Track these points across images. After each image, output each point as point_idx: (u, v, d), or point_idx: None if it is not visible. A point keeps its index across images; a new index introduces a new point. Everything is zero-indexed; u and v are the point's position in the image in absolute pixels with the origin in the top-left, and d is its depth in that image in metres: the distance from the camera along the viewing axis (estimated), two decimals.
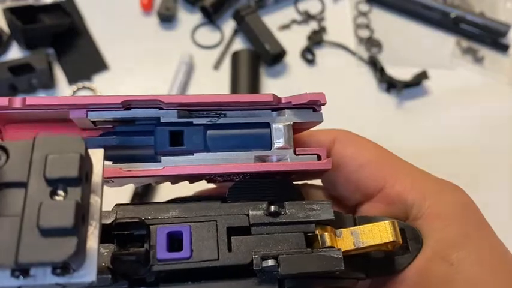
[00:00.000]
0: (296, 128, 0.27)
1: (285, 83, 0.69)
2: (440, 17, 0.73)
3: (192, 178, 0.29)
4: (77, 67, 0.67)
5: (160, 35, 0.72)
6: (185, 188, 0.32)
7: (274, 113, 0.27)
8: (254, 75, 0.67)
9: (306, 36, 0.72)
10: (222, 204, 0.26)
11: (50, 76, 0.64)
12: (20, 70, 0.62)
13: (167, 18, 0.72)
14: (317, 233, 0.25)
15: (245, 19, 0.69)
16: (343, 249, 0.25)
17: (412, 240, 0.27)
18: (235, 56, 0.68)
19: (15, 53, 0.67)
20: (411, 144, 0.63)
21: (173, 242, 0.24)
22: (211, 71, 0.69)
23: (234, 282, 0.24)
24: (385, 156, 0.30)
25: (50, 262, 0.17)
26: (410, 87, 0.68)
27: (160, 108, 0.26)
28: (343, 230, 0.26)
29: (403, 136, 0.64)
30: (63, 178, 0.18)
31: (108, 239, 0.24)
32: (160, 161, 0.26)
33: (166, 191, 0.59)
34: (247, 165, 0.26)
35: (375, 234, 0.26)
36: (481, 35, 0.72)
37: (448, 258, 0.26)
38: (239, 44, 0.72)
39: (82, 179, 0.19)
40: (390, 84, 0.68)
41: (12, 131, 0.26)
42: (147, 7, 0.72)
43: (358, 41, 0.73)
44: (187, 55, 0.69)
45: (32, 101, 0.24)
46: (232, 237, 0.25)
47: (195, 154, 0.26)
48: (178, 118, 0.26)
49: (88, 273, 0.19)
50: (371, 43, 0.72)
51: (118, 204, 0.25)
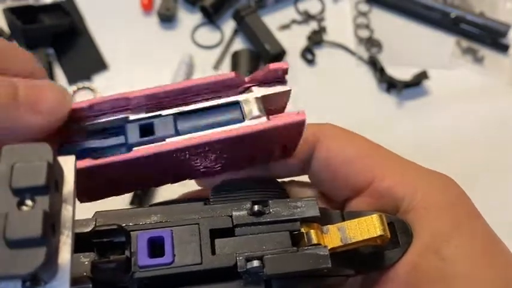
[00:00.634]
0: (271, 108, 0.26)
1: None
2: (440, 17, 0.73)
3: (169, 168, 0.28)
4: (77, 67, 0.67)
5: (160, 35, 0.72)
6: (183, 189, 0.32)
7: (243, 94, 0.26)
8: None
9: (306, 36, 0.72)
10: (205, 206, 0.26)
11: (50, 76, 0.64)
12: None
13: (167, 18, 0.72)
14: (303, 230, 0.25)
15: (245, 19, 0.69)
16: (331, 246, 0.25)
17: (401, 234, 0.27)
18: (235, 56, 0.68)
19: None
20: (411, 144, 0.63)
21: (155, 247, 0.24)
22: (211, 71, 0.69)
23: (220, 286, 0.24)
24: (374, 150, 0.30)
25: (17, 275, 0.17)
26: (410, 87, 0.68)
27: (127, 109, 0.25)
28: (330, 226, 0.26)
29: (403, 136, 0.64)
30: (30, 187, 0.18)
31: (88, 248, 0.23)
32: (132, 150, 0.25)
33: (165, 192, 0.59)
34: (218, 133, 0.24)
35: (363, 229, 0.25)
36: (481, 35, 0.72)
37: (440, 252, 0.25)
38: (239, 44, 0.72)
39: (50, 187, 0.18)
40: (390, 84, 0.68)
41: None
42: (147, 7, 0.72)
43: (358, 41, 0.73)
44: (187, 55, 0.69)
45: None
46: (215, 240, 0.24)
47: (166, 140, 0.25)
48: (146, 113, 0.25)
49: (60, 284, 0.18)
50: (371, 43, 0.72)
51: (98, 211, 0.25)
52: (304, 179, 0.33)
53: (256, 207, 0.25)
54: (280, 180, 0.30)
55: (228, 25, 0.73)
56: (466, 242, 0.26)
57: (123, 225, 0.24)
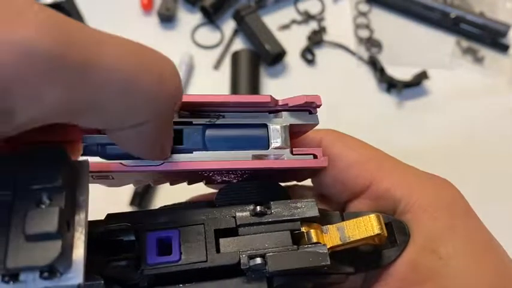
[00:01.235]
0: (294, 131, 0.28)
1: (285, 83, 0.69)
2: (440, 17, 0.73)
3: (190, 176, 0.29)
4: None
5: (160, 35, 0.72)
6: (183, 189, 0.32)
7: (272, 115, 0.28)
8: (254, 75, 0.67)
9: (306, 36, 0.72)
10: (210, 208, 0.27)
11: None
12: None
13: (167, 18, 0.72)
14: (303, 230, 0.26)
15: (245, 19, 0.70)
16: (331, 245, 0.26)
17: (399, 233, 0.28)
18: (235, 56, 0.68)
19: None
20: (411, 144, 0.63)
21: (163, 246, 0.25)
22: (211, 71, 0.70)
23: (224, 282, 0.25)
24: (372, 154, 0.31)
25: (36, 266, 0.18)
26: (410, 87, 0.68)
27: None
28: (330, 226, 0.27)
29: (403, 136, 0.64)
30: (47, 187, 0.19)
31: (100, 247, 0.24)
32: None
33: (164, 192, 0.59)
34: (245, 162, 0.26)
35: (361, 228, 0.26)
36: (481, 35, 0.72)
37: (437, 251, 0.26)
38: (239, 44, 0.72)
39: (66, 188, 0.20)
40: (390, 84, 0.68)
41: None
42: (147, 7, 0.72)
43: (358, 41, 0.73)
44: (187, 55, 0.69)
45: None
46: (220, 239, 0.25)
47: (194, 152, 0.26)
48: (178, 118, 0.27)
49: (75, 276, 0.20)
50: (371, 43, 0.72)
51: (109, 213, 0.26)
52: (307, 182, 0.33)
53: (258, 208, 0.26)
54: (284, 184, 0.31)
55: (228, 25, 0.73)
56: (462, 241, 0.27)
57: (133, 225, 0.25)
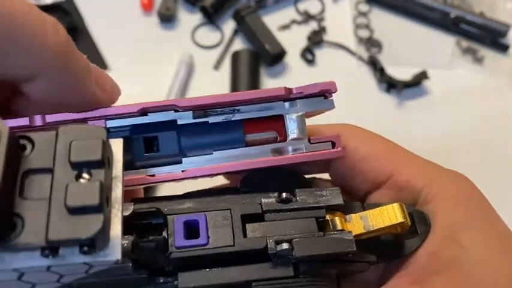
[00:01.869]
0: (307, 114, 0.28)
1: (285, 83, 0.68)
2: (440, 17, 0.73)
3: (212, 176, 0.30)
4: None
5: (160, 35, 0.72)
6: (189, 182, 0.32)
7: (287, 104, 0.28)
8: (254, 75, 0.67)
9: (306, 36, 0.72)
10: (235, 195, 0.27)
11: None
12: None
13: (167, 18, 0.72)
14: (328, 218, 0.26)
15: (245, 19, 0.69)
16: (354, 234, 0.26)
17: (419, 223, 0.28)
18: (235, 56, 0.68)
19: None
20: (411, 144, 0.63)
21: (190, 231, 0.25)
22: (211, 71, 0.70)
23: (250, 267, 0.25)
24: (391, 147, 0.31)
25: (78, 238, 0.18)
26: (410, 87, 0.68)
27: (176, 111, 0.27)
28: (353, 215, 0.27)
29: (403, 136, 0.64)
30: (87, 161, 0.19)
31: (128, 230, 0.24)
32: (182, 162, 0.27)
33: (165, 189, 0.59)
34: (265, 160, 0.27)
35: (384, 216, 0.26)
36: (481, 35, 0.72)
37: (458, 240, 0.27)
38: (239, 44, 0.72)
39: (105, 163, 0.19)
40: (390, 84, 0.68)
41: None
42: (147, 7, 0.72)
43: (358, 41, 0.73)
44: (187, 55, 0.69)
45: (52, 118, 0.25)
46: (246, 224, 0.26)
47: (214, 153, 0.27)
48: (193, 119, 0.27)
49: (113, 252, 0.19)
50: (371, 43, 0.72)
51: (134, 198, 0.26)
52: (325, 176, 0.34)
53: (284, 195, 0.26)
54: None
55: (228, 25, 0.73)
56: (483, 230, 0.27)
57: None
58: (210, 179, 0.32)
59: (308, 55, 0.71)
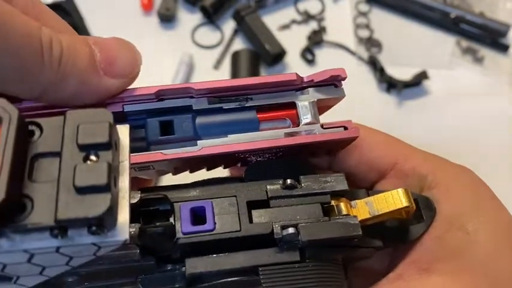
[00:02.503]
0: (320, 106, 0.28)
1: None
2: (440, 17, 0.73)
3: (226, 159, 0.30)
4: None
5: (161, 35, 0.72)
6: (193, 175, 0.32)
7: (298, 92, 0.28)
8: (254, 75, 0.67)
9: (306, 36, 0.72)
10: (240, 184, 0.27)
11: None
12: None
13: (167, 18, 0.72)
14: (333, 203, 0.26)
15: (245, 19, 0.69)
16: (360, 219, 0.26)
17: (425, 209, 0.28)
18: (235, 56, 0.68)
19: None
20: (411, 143, 0.63)
21: (196, 217, 0.25)
22: (211, 71, 0.69)
23: (256, 252, 0.25)
24: (395, 139, 0.32)
25: (86, 217, 0.18)
26: (410, 87, 0.68)
27: (191, 97, 0.27)
28: (358, 201, 0.27)
29: (403, 136, 0.64)
30: (94, 144, 0.19)
31: (135, 218, 0.24)
32: (197, 145, 0.27)
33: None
34: (280, 140, 0.27)
35: (389, 201, 0.27)
36: (481, 35, 0.72)
37: (464, 227, 0.27)
38: (239, 44, 0.72)
39: (112, 145, 0.20)
40: (390, 84, 0.68)
41: None
42: (147, 7, 0.72)
43: (358, 41, 0.73)
44: (187, 55, 0.69)
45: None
46: (252, 211, 0.26)
47: (229, 136, 0.27)
48: (208, 105, 0.27)
49: (121, 232, 0.20)
50: (371, 43, 0.72)
51: (141, 187, 0.26)
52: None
53: (289, 181, 0.27)
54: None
55: (228, 25, 0.73)
56: (490, 218, 0.28)
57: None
58: (214, 173, 0.32)
59: (308, 55, 0.71)
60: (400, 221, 0.28)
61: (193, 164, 0.30)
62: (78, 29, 0.69)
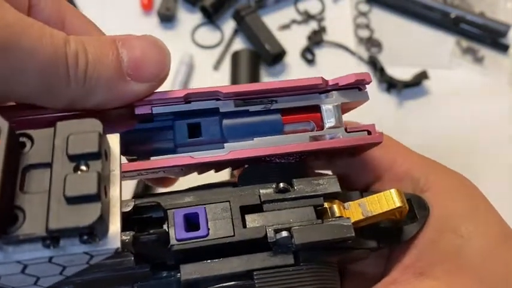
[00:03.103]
0: (343, 108, 0.29)
1: None
2: (440, 17, 0.73)
3: (249, 162, 0.30)
4: None
5: (161, 35, 0.72)
6: (187, 180, 0.33)
7: (323, 96, 0.28)
8: (254, 75, 0.67)
9: (306, 36, 0.72)
10: (234, 188, 0.27)
11: None
12: None
13: (167, 18, 0.72)
14: (326, 206, 0.27)
15: (245, 19, 0.69)
16: (353, 220, 0.26)
17: (418, 209, 0.28)
18: (235, 56, 0.68)
19: None
20: (411, 144, 0.63)
21: (190, 224, 0.26)
22: (211, 71, 0.70)
23: (251, 257, 0.25)
24: (391, 141, 0.32)
25: (77, 227, 0.19)
26: (410, 87, 0.68)
27: (217, 99, 0.27)
28: (351, 202, 0.27)
29: (403, 136, 0.64)
30: (84, 154, 0.20)
31: (129, 226, 0.25)
32: (224, 148, 0.27)
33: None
34: (307, 144, 0.27)
35: (382, 202, 0.27)
36: (481, 35, 0.72)
37: (458, 230, 0.27)
38: (239, 44, 0.72)
39: (102, 154, 0.20)
40: (390, 84, 0.68)
41: None
42: (147, 7, 0.72)
43: (358, 41, 0.73)
44: (188, 55, 0.69)
45: None
46: (246, 215, 0.26)
47: (254, 139, 0.27)
48: (235, 107, 0.27)
49: (113, 241, 0.20)
50: (371, 43, 0.72)
51: (134, 196, 0.26)
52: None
53: (281, 185, 0.27)
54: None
55: (228, 25, 0.73)
56: (483, 221, 0.28)
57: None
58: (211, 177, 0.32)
59: (308, 55, 0.71)
60: (394, 221, 0.28)
61: (219, 165, 0.30)
62: None
